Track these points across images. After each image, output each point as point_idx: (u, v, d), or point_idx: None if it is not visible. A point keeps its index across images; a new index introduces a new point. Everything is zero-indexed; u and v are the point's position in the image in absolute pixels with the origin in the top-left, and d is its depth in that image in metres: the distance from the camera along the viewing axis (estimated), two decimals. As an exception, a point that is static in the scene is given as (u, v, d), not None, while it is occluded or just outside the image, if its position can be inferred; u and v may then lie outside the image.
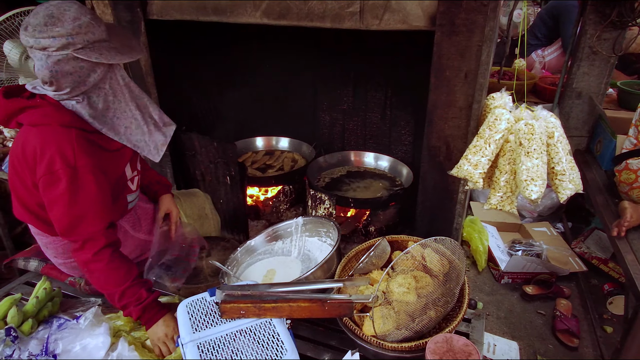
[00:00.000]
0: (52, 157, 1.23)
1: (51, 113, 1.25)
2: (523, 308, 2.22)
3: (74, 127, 1.27)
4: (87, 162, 1.26)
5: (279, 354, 1.08)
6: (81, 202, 1.27)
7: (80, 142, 1.26)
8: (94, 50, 1.21)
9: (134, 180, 1.54)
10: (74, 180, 1.25)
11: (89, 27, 1.20)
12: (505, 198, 1.58)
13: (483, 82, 1.58)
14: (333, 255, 1.46)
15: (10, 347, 1.22)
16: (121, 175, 1.45)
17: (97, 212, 1.30)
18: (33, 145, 1.25)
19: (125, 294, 1.33)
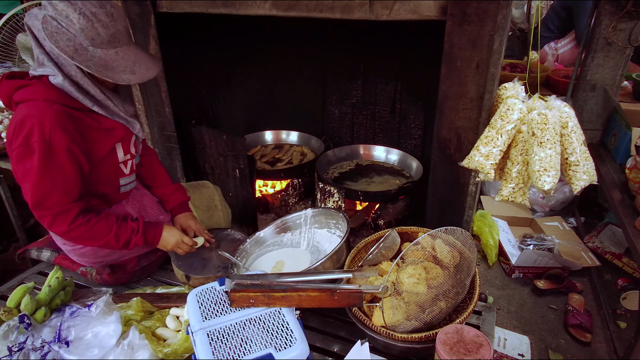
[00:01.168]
0: (31, 130, 1.26)
1: (39, 90, 1.29)
2: (534, 303, 2.20)
3: (58, 103, 1.29)
4: (63, 138, 1.28)
5: (288, 342, 1.08)
6: (51, 177, 1.30)
7: (61, 117, 1.28)
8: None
9: (127, 163, 1.54)
10: (47, 155, 1.27)
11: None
12: (517, 189, 1.55)
13: (495, 72, 1.56)
14: (342, 246, 1.46)
15: (24, 334, 1.24)
16: (109, 153, 1.45)
17: (66, 188, 1.34)
18: (16, 119, 1.29)
19: (119, 235, 1.44)
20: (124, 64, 1.29)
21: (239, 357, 1.03)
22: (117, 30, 1.28)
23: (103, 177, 1.47)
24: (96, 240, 1.43)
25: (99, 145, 1.42)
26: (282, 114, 3.15)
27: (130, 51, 1.32)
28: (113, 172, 1.50)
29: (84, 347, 1.23)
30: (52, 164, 1.29)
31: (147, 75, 1.33)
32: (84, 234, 1.40)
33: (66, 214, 1.35)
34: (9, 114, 2.51)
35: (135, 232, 1.47)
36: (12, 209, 2.25)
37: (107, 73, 1.26)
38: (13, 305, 1.36)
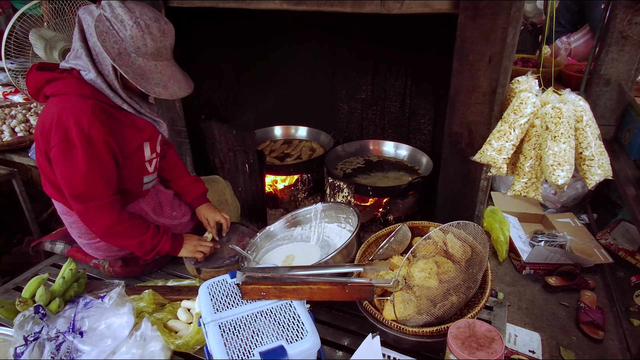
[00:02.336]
0: (69, 125, 1.28)
1: (72, 84, 1.32)
2: (545, 299, 2.18)
3: (91, 98, 1.32)
4: (100, 132, 1.31)
5: (299, 335, 1.08)
6: (95, 169, 1.32)
7: (96, 111, 1.31)
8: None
9: (152, 162, 1.57)
10: (89, 148, 1.30)
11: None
12: (530, 184, 1.54)
13: (508, 65, 1.54)
14: (353, 240, 1.46)
15: (39, 324, 1.26)
16: (137, 150, 1.48)
17: (108, 178, 1.37)
18: (51, 114, 1.31)
19: (154, 235, 1.49)
20: (159, 77, 1.33)
21: (250, 348, 1.04)
22: (163, 46, 1.32)
23: (129, 173, 1.49)
24: (133, 239, 1.45)
25: (128, 142, 1.44)
26: (291, 109, 3.15)
27: (169, 67, 1.36)
28: (138, 169, 1.53)
29: (97, 337, 1.24)
30: (94, 156, 1.31)
31: (178, 94, 1.37)
32: (126, 230, 1.43)
33: (112, 206, 1.38)
34: (23, 108, 2.54)
35: (167, 234, 1.52)
36: (26, 203, 2.28)
37: (141, 82, 1.30)
38: (28, 296, 1.38)
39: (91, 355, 1.20)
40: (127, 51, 1.28)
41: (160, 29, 1.30)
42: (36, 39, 1.93)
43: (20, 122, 2.38)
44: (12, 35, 1.86)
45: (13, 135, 2.31)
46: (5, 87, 2.90)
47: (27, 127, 2.38)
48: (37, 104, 2.61)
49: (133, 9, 1.27)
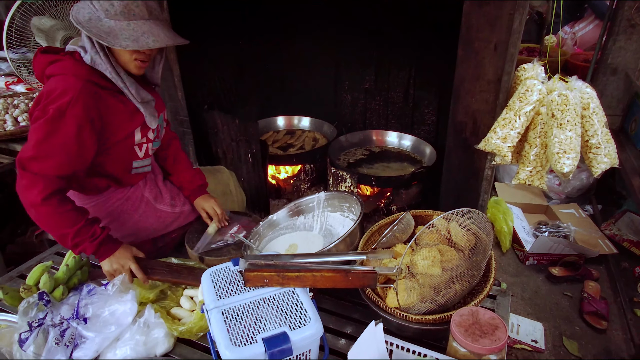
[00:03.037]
0: (52, 100, 1.28)
1: (69, 65, 1.33)
2: (549, 290, 2.17)
3: (85, 79, 1.32)
4: (79, 114, 1.29)
5: (302, 321, 1.08)
6: (52, 144, 1.29)
7: (85, 94, 1.30)
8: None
9: (141, 146, 1.53)
10: (56, 122, 1.28)
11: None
12: (535, 173, 1.52)
13: (514, 52, 1.52)
14: (356, 229, 1.45)
15: (43, 310, 1.26)
16: (128, 135, 1.46)
17: (62, 159, 1.31)
18: (43, 91, 1.32)
19: (79, 233, 1.35)
20: (130, 33, 1.29)
21: (253, 334, 1.04)
22: (132, 3, 1.30)
23: (115, 157, 1.48)
24: (55, 228, 1.36)
25: (118, 127, 1.43)
26: (295, 100, 3.13)
27: (146, 25, 1.31)
28: (127, 154, 1.51)
29: (101, 324, 1.25)
30: (58, 131, 1.29)
31: (151, 45, 1.30)
32: (51, 216, 1.33)
33: (47, 185, 1.30)
34: (26, 98, 2.54)
35: (93, 239, 1.37)
36: (29, 192, 2.28)
37: (107, 38, 1.27)
38: (32, 283, 1.39)
39: (95, 341, 1.21)
40: (98, 17, 1.29)
41: None
42: (36, 32, 1.92)
43: (22, 111, 2.38)
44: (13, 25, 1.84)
45: (16, 124, 2.31)
46: (8, 77, 2.90)
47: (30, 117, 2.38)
48: (40, 94, 2.60)
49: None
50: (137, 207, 1.64)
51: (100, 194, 1.58)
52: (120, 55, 1.37)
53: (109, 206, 1.60)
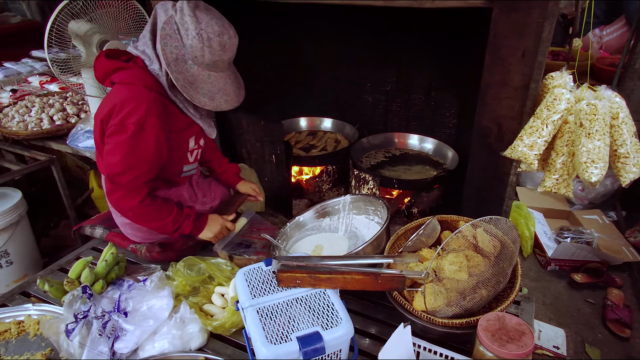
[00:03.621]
0: (129, 113, 1.35)
1: (138, 75, 1.38)
2: (570, 296, 2.17)
3: (154, 90, 1.39)
4: (155, 124, 1.38)
5: (334, 322, 1.13)
6: (137, 156, 1.39)
7: (156, 104, 1.38)
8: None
9: (193, 152, 1.63)
10: (138, 136, 1.36)
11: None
12: (562, 181, 1.54)
13: (542, 60, 1.53)
14: (383, 232, 1.49)
15: (86, 303, 1.33)
16: (184, 142, 1.56)
17: (146, 168, 1.43)
18: (116, 99, 1.37)
19: (176, 219, 1.53)
20: (209, 88, 1.38)
21: (288, 333, 1.09)
22: (220, 60, 1.38)
23: (170, 161, 1.55)
24: (156, 222, 1.52)
25: (178, 134, 1.51)
26: (316, 101, 3.17)
27: (222, 79, 1.41)
28: (180, 159, 1.60)
29: (140, 318, 1.32)
30: (140, 144, 1.38)
31: (223, 107, 1.42)
32: (148, 214, 1.49)
33: (139, 191, 1.44)
34: (60, 97, 2.64)
35: (188, 218, 1.57)
36: (64, 188, 2.38)
37: (189, 90, 1.36)
38: (74, 276, 1.46)
39: (135, 333, 1.27)
40: (185, 58, 1.35)
41: (221, 43, 1.35)
42: (76, 31, 2.00)
43: (58, 110, 2.47)
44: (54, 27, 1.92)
45: (52, 123, 2.41)
46: (42, 76, 3.01)
47: (64, 115, 2.47)
48: (72, 94, 2.70)
49: (201, 19, 1.31)
50: None
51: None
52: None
53: None
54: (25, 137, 2.35)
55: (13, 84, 2.95)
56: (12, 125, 2.38)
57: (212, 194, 1.84)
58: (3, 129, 2.37)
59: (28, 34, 4.05)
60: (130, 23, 2.13)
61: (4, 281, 2.26)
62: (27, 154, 2.41)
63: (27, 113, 2.45)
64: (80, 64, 2.10)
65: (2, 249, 2.18)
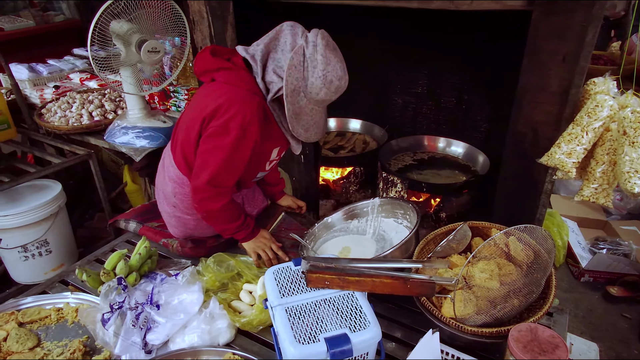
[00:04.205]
0: (234, 115, 1.37)
1: (245, 79, 1.41)
2: (605, 309, 2.10)
3: (258, 96, 1.41)
4: (256, 130, 1.40)
5: (361, 325, 1.13)
6: (235, 161, 1.42)
7: (259, 110, 1.40)
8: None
9: (272, 162, 1.68)
10: (240, 141, 1.39)
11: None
12: (601, 190, 1.48)
13: (584, 65, 1.48)
14: (412, 237, 1.48)
15: (121, 294, 1.38)
16: (268, 152, 1.59)
17: (240, 171, 1.47)
18: (222, 99, 1.39)
19: (240, 226, 1.58)
20: (307, 120, 1.42)
21: (315, 333, 1.10)
22: (330, 99, 1.42)
23: (250, 167, 1.57)
24: (223, 225, 1.56)
25: (268, 143, 1.54)
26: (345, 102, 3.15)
27: (319, 113, 1.45)
28: (259, 166, 1.64)
29: (171, 311, 1.35)
30: (240, 149, 1.41)
31: (312, 139, 1.46)
32: (223, 217, 1.53)
33: (225, 195, 1.48)
34: (99, 94, 2.73)
35: (247, 227, 1.61)
36: (100, 182, 2.47)
37: (293, 121, 1.39)
38: (110, 268, 1.52)
39: (166, 326, 1.31)
40: (300, 90, 1.37)
41: (339, 87, 1.39)
42: (116, 30, 2.07)
43: (96, 107, 2.57)
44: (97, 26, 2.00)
45: (90, 119, 2.50)
46: (82, 73, 3.13)
47: (103, 111, 2.57)
48: (111, 91, 2.79)
49: (330, 60, 1.34)
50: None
51: None
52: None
53: None
54: (66, 131, 2.45)
55: (56, 80, 3.08)
56: (55, 120, 2.48)
57: (253, 203, 1.88)
58: (46, 124, 2.48)
59: (70, 32, 4.21)
60: (167, 23, 2.19)
61: (42, 269, 2.36)
62: (67, 147, 2.52)
63: (68, 109, 2.56)
64: (119, 62, 2.17)
65: (42, 238, 2.28)
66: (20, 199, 2.25)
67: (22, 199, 2.25)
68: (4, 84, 3.13)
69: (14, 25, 3.85)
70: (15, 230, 2.20)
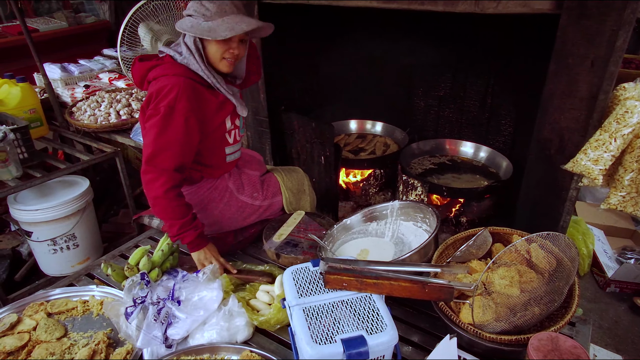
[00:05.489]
0: (162, 98, 1.47)
1: (168, 67, 1.53)
2: (632, 321, 2.03)
3: (184, 76, 1.50)
4: (184, 106, 1.48)
5: (378, 327, 1.13)
6: (166, 137, 1.48)
7: (186, 88, 1.49)
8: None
9: (231, 133, 1.71)
10: (168, 118, 1.46)
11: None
12: (629, 199, 1.44)
13: (614, 70, 1.44)
14: (431, 241, 1.47)
15: (143, 289, 1.42)
16: (221, 124, 1.65)
17: (177, 149, 1.50)
18: (152, 89, 1.51)
19: (184, 225, 1.53)
20: (226, 27, 1.47)
21: (332, 334, 1.11)
22: (223, 3, 1.48)
23: (211, 145, 1.65)
24: (167, 218, 1.54)
25: (212, 116, 1.60)
26: (367, 104, 3.16)
27: (237, 17, 1.50)
28: (220, 141, 1.69)
29: (191, 307, 1.39)
30: (170, 125, 1.48)
31: (245, 28, 1.47)
32: (167, 208, 1.52)
33: (168, 179, 1.49)
34: (126, 93, 2.82)
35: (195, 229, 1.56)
36: (125, 179, 2.54)
37: (210, 34, 1.46)
38: (134, 263, 1.56)
39: (186, 322, 1.34)
40: (198, 22, 1.48)
41: None
42: (145, 32, 2.14)
43: (124, 106, 2.65)
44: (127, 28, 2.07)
45: (118, 117, 2.58)
46: (111, 73, 3.23)
47: (130, 110, 2.64)
48: (137, 90, 2.87)
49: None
50: (222, 196, 1.79)
51: (192, 185, 1.74)
52: (212, 56, 1.54)
53: (199, 195, 1.75)
54: (95, 129, 2.53)
55: (86, 79, 3.18)
56: (84, 119, 2.57)
57: (265, 193, 1.89)
58: (76, 122, 2.57)
59: (100, 34, 4.35)
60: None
61: (69, 262, 2.45)
62: (95, 145, 2.60)
63: (97, 107, 2.64)
64: (146, 63, 2.23)
65: (70, 233, 2.37)
66: (51, 194, 2.34)
67: (53, 194, 2.34)
68: (38, 82, 3.26)
69: (48, 27, 4.00)
70: (45, 224, 2.29)
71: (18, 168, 2.14)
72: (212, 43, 1.51)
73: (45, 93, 2.87)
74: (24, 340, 1.36)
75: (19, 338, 1.36)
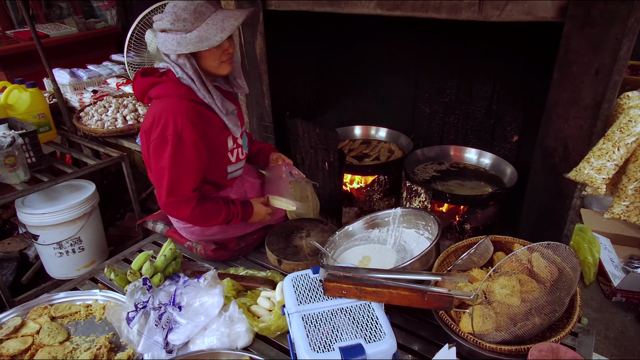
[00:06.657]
0: (166, 124, 1.45)
1: (171, 87, 1.50)
2: (638, 332, 2.00)
3: (187, 99, 1.49)
4: (191, 131, 1.47)
5: (377, 336, 1.13)
6: (181, 166, 1.49)
7: (190, 112, 1.48)
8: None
9: (233, 152, 1.71)
10: (177, 146, 1.46)
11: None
12: (633, 208, 1.43)
13: (618, 79, 1.44)
14: (432, 248, 1.46)
15: (145, 294, 1.44)
16: (222, 143, 1.64)
17: (192, 175, 1.52)
18: (153, 113, 1.49)
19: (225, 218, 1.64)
20: (214, 29, 1.41)
21: (331, 342, 1.11)
22: (197, 4, 1.41)
23: (214, 165, 1.64)
24: (207, 222, 1.64)
25: (216, 137, 1.60)
26: (372, 110, 3.17)
27: (217, 15, 1.43)
28: (222, 160, 1.68)
29: (192, 313, 1.39)
30: (181, 154, 1.48)
31: (234, 24, 1.42)
32: (201, 218, 1.60)
33: (189, 202, 1.55)
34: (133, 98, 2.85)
35: (236, 215, 1.67)
36: (131, 183, 2.57)
37: (203, 44, 1.41)
38: (137, 268, 1.58)
39: (187, 327, 1.35)
40: (181, 36, 1.40)
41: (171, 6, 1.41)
42: (152, 37, 2.17)
43: (130, 111, 2.68)
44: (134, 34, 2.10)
45: (124, 122, 2.61)
46: (119, 78, 3.27)
47: (136, 115, 2.67)
48: (144, 95, 2.91)
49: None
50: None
51: None
52: (209, 64, 1.50)
53: None
54: (102, 134, 2.57)
55: (95, 85, 3.22)
56: (92, 124, 2.60)
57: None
58: (84, 127, 2.61)
59: (109, 39, 4.41)
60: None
61: (75, 265, 2.48)
62: (102, 150, 2.63)
63: (104, 112, 2.68)
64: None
65: (76, 236, 2.40)
66: (58, 197, 2.37)
67: (59, 197, 2.37)
68: (47, 87, 3.31)
69: (59, 32, 4.07)
70: (51, 227, 2.32)
71: (26, 172, 2.18)
72: (206, 51, 1.44)
73: (54, 98, 2.92)
74: (27, 344, 1.37)
75: (23, 341, 1.38)
